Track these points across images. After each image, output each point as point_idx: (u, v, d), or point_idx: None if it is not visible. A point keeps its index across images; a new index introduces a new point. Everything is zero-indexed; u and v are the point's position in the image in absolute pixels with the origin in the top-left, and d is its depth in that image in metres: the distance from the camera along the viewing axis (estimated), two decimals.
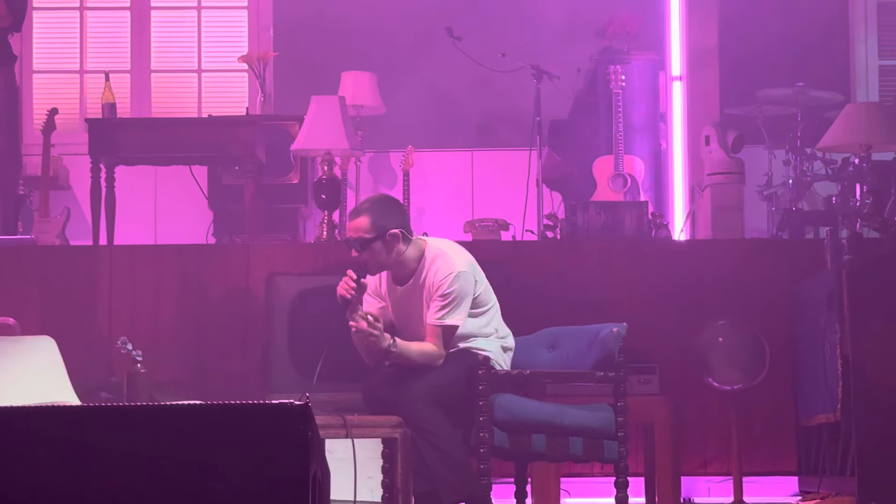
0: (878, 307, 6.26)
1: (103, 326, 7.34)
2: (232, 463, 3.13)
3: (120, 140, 7.94)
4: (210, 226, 8.70)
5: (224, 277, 7.44)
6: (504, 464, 6.07)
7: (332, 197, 7.62)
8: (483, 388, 5.41)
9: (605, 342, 5.72)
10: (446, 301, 5.61)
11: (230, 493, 3.11)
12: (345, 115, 7.71)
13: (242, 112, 8.50)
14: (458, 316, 5.62)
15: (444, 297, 5.61)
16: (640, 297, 7.39)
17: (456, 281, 5.62)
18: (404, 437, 5.28)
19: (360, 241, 5.61)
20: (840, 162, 8.33)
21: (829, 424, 6.52)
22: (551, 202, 8.90)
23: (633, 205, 7.90)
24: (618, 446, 5.62)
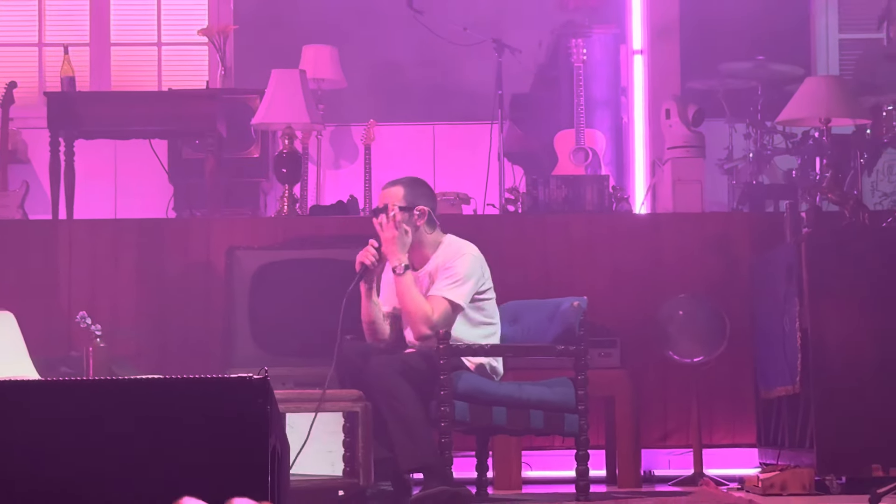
0: (836, 280, 6.29)
1: (63, 301, 7.30)
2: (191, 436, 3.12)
3: (79, 114, 7.89)
4: (170, 200, 8.67)
5: (184, 252, 7.41)
6: (465, 437, 6.08)
7: (292, 171, 7.60)
8: (444, 361, 5.42)
9: (566, 316, 5.73)
10: (450, 273, 5.65)
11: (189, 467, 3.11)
12: (305, 88, 7.69)
13: (203, 86, 8.46)
14: (458, 293, 5.63)
15: (449, 270, 5.66)
16: (601, 270, 7.41)
17: (463, 259, 5.67)
18: (365, 410, 5.28)
19: (387, 208, 5.67)
20: (800, 136, 8.36)
21: (789, 397, 6.56)
22: (513, 176, 8.90)
23: (595, 178, 7.91)
24: (578, 419, 5.64)
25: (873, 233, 6.37)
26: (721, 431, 7.32)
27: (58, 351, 6.98)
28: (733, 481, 6.74)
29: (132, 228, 7.50)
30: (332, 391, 5.37)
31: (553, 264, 7.43)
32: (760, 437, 7.13)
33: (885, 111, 7.76)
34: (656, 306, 7.02)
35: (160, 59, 10.01)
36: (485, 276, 5.74)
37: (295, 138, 7.69)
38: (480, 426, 5.65)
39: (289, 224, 7.45)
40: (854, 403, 6.19)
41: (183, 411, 3.15)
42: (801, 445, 6.40)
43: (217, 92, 8.09)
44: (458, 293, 5.63)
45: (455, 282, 5.64)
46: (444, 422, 5.40)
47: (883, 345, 6.22)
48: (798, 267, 6.38)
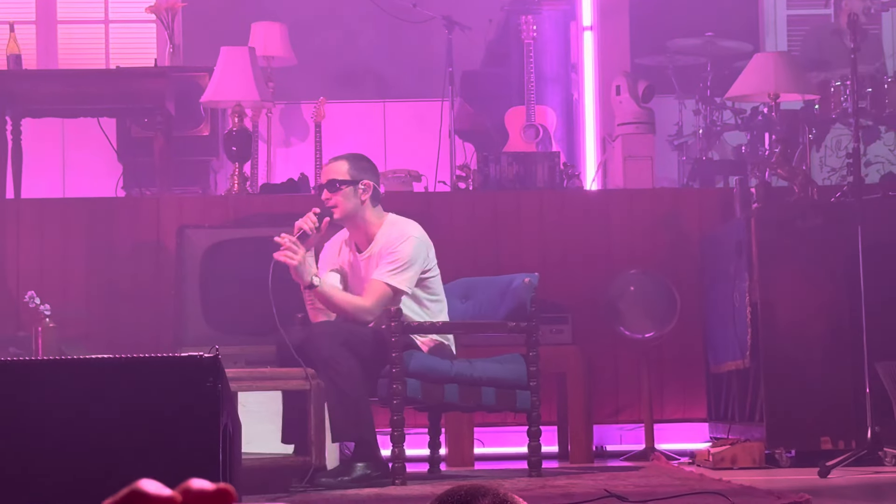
0: (785, 255, 6.33)
1: (11, 281, 7.25)
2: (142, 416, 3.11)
3: (26, 92, 7.82)
4: (119, 179, 8.61)
5: (134, 231, 7.37)
6: (418, 414, 6.09)
7: (242, 149, 7.57)
8: (395, 339, 5.41)
9: (518, 292, 5.74)
10: (392, 258, 5.60)
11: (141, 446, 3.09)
12: (255, 66, 7.65)
13: (151, 64, 8.40)
14: (401, 279, 5.59)
15: (392, 254, 5.61)
16: (552, 247, 7.42)
17: (407, 244, 5.62)
18: (317, 389, 5.27)
19: (333, 182, 5.65)
20: (749, 111, 8.39)
21: (739, 371, 6.61)
22: (464, 153, 8.90)
23: (545, 155, 7.92)
24: (530, 396, 5.66)
25: (822, 208, 6.41)
26: (672, 406, 7.36)
27: (6, 331, 6.93)
28: (684, 456, 6.79)
29: (81, 207, 7.46)
30: (283, 369, 5.35)
31: (504, 241, 7.44)
32: (711, 412, 7.18)
33: (833, 87, 7.80)
34: (607, 282, 7.04)
35: (108, 37, 9.93)
36: (429, 258, 5.71)
37: (245, 116, 7.65)
38: (432, 403, 5.65)
39: (239, 202, 7.42)
40: (803, 377, 6.24)
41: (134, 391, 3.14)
42: (751, 419, 6.45)
43: (166, 70, 8.04)
44: (401, 279, 5.60)
45: (397, 267, 5.60)
46: (396, 399, 5.40)
47: (831, 319, 6.27)
48: (748, 242, 6.41)
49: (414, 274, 5.62)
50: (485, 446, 7.19)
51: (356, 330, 5.50)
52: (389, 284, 5.58)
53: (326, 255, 5.81)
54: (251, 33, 9.27)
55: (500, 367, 5.69)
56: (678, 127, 8.96)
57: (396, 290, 5.59)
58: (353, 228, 5.73)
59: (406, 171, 8.02)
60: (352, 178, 5.68)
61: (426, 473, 5.98)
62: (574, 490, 4.96)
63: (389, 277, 5.58)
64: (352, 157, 5.81)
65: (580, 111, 9.03)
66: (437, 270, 5.75)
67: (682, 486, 5.00)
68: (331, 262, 5.79)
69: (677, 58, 8.97)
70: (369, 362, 5.49)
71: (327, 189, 5.68)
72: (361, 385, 5.44)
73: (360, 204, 5.68)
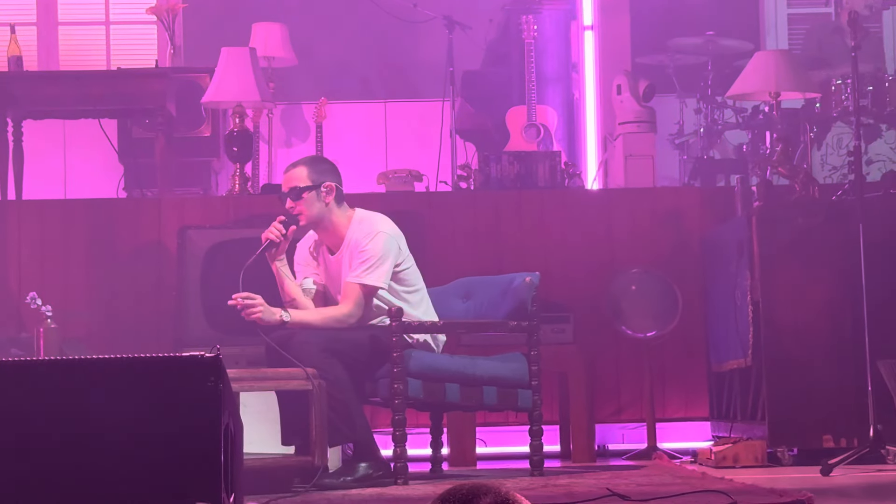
0: (787, 254, 6.33)
1: (12, 282, 7.25)
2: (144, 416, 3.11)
3: (27, 94, 7.82)
4: (120, 180, 8.61)
5: (135, 231, 7.37)
6: (420, 414, 6.09)
7: (243, 149, 7.57)
8: (396, 339, 5.41)
9: (518, 292, 5.74)
10: (364, 258, 5.58)
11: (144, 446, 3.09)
12: (255, 66, 7.65)
13: (152, 65, 8.40)
14: (376, 276, 5.58)
15: (362, 253, 5.59)
16: (554, 246, 7.42)
17: (377, 240, 5.60)
18: (319, 388, 5.27)
19: (295, 190, 5.62)
20: (750, 110, 8.39)
21: (741, 370, 6.60)
22: (465, 153, 8.89)
23: (546, 154, 7.91)
24: (532, 395, 5.65)
25: (823, 206, 6.41)
26: (674, 405, 7.36)
27: (7, 332, 6.93)
28: (686, 455, 6.78)
29: (82, 209, 7.46)
30: (283, 370, 5.35)
31: (505, 240, 7.43)
32: (713, 411, 7.18)
33: (835, 85, 7.80)
34: (609, 281, 7.04)
35: (108, 38, 9.94)
36: (401, 251, 5.68)
37: (245, 117, 7.66)
38: (433, 403, 5.65)
39: (240, 203, 7.42)
40: (805, 376, 6.24)
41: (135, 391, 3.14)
42: (753, 418, 6.44)
43: (166, 71, 8.04)
44: (376, 276, 5.58)
45: (370, 266, 5.58)
46: (397, 399, 5.40)
47: (833, 317, 6.27)
48: (749, 241, 6.41)
49: (388, 269, 5.60)
50: (487, 446, 7.19)
51: (339, 334, 5.49)
52: (364, 284, 5.58)
53: (301, 257, 5.80)
54: (252, 34, 9.27)
55: (502, 367, 5.68)
56: (679, 126, 8.95)
57: (371, 287, 5.58)
58: (322, 231, 5.71)
59: (407, 171, 8.02)
60: (313, 183, 5.65)
61: (428, 473, 5.98)
62: (576, 489, 4.96)
63: (363, 277, 5.57)
64: (309, 160, 5.78)
65: (581, 110, 9.03)
66: (411, 261, 5.73)
67: (685, 485, 5.00)
68: (306, 264, 5.77)
69: (678, 57, 8.97)
70: (358, 364, 5.48)
71: (290, 198, 5.65)
72: (350, 388, 5.43)
73: (324, 207, 5.65)
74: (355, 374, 5.47)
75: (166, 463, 3.02)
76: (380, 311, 5.60)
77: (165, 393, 3.10)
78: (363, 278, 5.57)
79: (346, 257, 5.65)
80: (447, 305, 5.95)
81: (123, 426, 3.11)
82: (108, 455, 3.08)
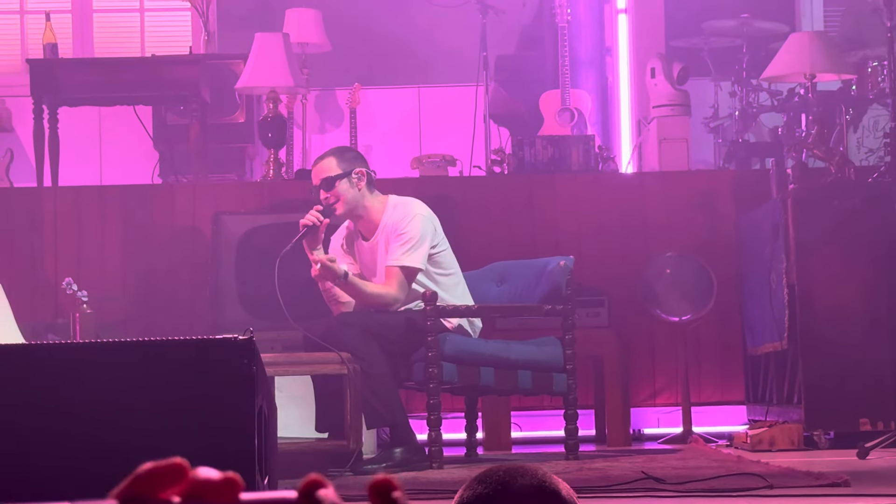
0: (822, 236, 6.30)
1: (49, 268, 7.29)
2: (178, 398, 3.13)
3: (62, 81, 7.85)
4: (155, 166, 8.64)
5: (170, 217, 7.40)
6: (454, 398, 6.09)
7: (277, 135, 7.58)
8: (431, 323, 5.41)
9: (553, 275, 5.73)
10: (403, 240, 5.59)
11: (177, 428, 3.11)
12: (289, 52, 7.66)
13: (186, 51, 8.42)
14: (415, 257, 5.59)
15: (401, 236, 5.60)
16: (588, 230, 7.41)
17: (414, 222, 5.61)
18: (354, 373, 5.28)
19: (328, 180, 5.64)
20: (785, 93, 8.35)
21: (776, 353, 6.58)
22: (499, 137, 8.88)
23: (580, 138, 7.89)
24: (566, 379, 5.65)
25: (859, 188, 6.37)
26: (709, 389, 7.33)
27: (44, 318, 6.97)
28: (722, 438, 6.76)
29: (117, 195, 7.49)
30: (319, 354, 5.36)
31: (540, 225, 7.42)
32: (749, 394, 7.15)
33: (871, 67, 7.75)
34: (643, 265, 7.02)
35: (143, 25, 9.96)
36: (437, 232, 5.70)
37: (279, 102, 7.67)
38: (468, 386, 5.65)
39: (274, 188, 7.43)
40: (841, 358, 6.21)
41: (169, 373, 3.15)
42: (789, 401, 6.42)
43: (200, 57, 8.06)
44: (415, 258, 5.59)
45: (409, 247, 5.59)
46: (432, 383, 5.41)
47: (869, 300, 6.23)
48: (784, 223, 6.38)
49: (425, 250, 5.62)
50: (522, 430, 7.19)
51: (376, 316, 5.51)
52: (404, 266, 5.59)
53: (335, 248, 5.81)
54: (285, 19, 9.28)
55: (537, 350, 5.68)
56: (714, 109, 8.91)
57: (412, 269, 5.59)
58: (358, 219, 5.72)
59: (441, 156, 8.01)
60: (343, 171, 5.67)
61: (463, 457, 5.98)
62: (611, 473, 4.95)
63: (403, 259, 5.58)
64: (336, 150, 5.81)
65: (615, 94, 9.00)
66: (446, 244, 5.74)
67: (720, 469, 4.98)
68: (340, 254, 5.79)
69: (712, 39, 8.92)
70: (394, 347, 5.49)
71: (323, 189, 5.67)
72: (388, 370, 5.45)
73: (358, 193, 5.66)
74: (391, 357, 5.48)
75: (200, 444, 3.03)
76: (415, 294, 5.60)
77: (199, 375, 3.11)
78: (402, 260, 5.58)
79: (383, 242, 5.65)
80: (482, 290, 5.95)
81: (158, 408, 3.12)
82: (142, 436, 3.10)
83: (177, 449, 3.11)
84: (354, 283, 5.55)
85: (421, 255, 5.60)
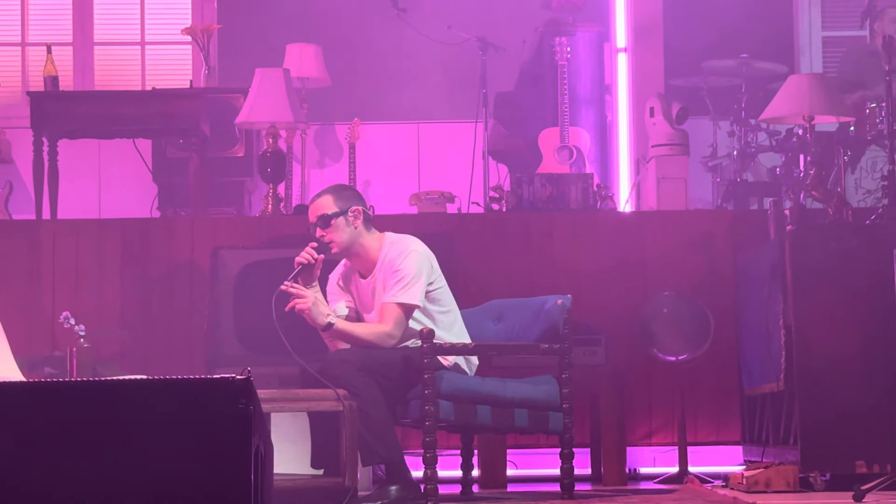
0: (820, 278, 6.30)
1: (46, 301, 7.29)
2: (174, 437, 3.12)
3: (62, 113, 7.87)
4: (154, 199, 8.66)
5: (168, 251, 7.40)
6: (450, 435, 6.08)
7: (277, 170, 7.59)
8: (428, 360, 5.41)
9: (551, 314, 5.73)
10: (399, 277, 5.59)
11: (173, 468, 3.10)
12: (289, 87, 7.68)
13: (186, 85, 8.45)
14: (411, 294, 5.58)
15: (397, 272, 5.60)
16: (586, 268, 7.41)
17: (410, 259, 5.61)
18: (350, 409, 5.27)
19: (324, 217, 5.64)
20: (784, 133, 8.37)
21: (773, 394, 6.57)
22: (497, 174, 8.90)
23: (579, 177, 7.91)
24: (563, 418, 5.64)
25: (857, 230, 6.38)
26: (706, 429, 7.33)
27: (41, 351, 6.97)
28: (718, 479, 6.75)
29: (116, 228, 7.49)
30: (315, 391, 5.36)
31: (537, 263, 7.43)
32: (745, 435, 7.15)
33: (869, 108, 7.77)
34: (641, 304, 7.02)
35: (144, 59, 9.99)
36: (434, 269, 5.70)
37: (279, 137, 7.68)
38: (464, 425, 5.65)
39: (273, 223, 7.44)
40: (838, 400, 6.20)
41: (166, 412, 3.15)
42: (786, 442, 6.41)
43: (201, 91, 8.08)
44: (411, 294, 5.60)
45: (405, 284, 5.60)
46: (428, 421, 5.40)
47: (866, 342, 6.23)
48: (782, 264, 6.39)
49: (422, 286, 5.62)
50: (517, 468, 7.17)
51: (373, 353, 5.50)
52: (401, 303, 5.58)
53: (332, 286, 5.82)
54: (286, 54, 9.31)
55: (533, 389, 5.68)
56: (712, 148, 8.94)
57: (409, 306, 5.59)
58: (354, 257, 5.73)
59: (439, 193, 8.03)
60: (340, 209, 5.68)
61: (458, 495, 5.97)
62: None
63: (400, 296, 5.58)
64: (333, 189, 5.81)
65: (614, 133, 9.03)
66: (443, 282, 5.74)
67: None
68: (337, 292, 5.79)
69: (712, 79, 8.95)
70: (391, 384, 5.49)
71: (319, 227, 5.67)
72: (384, 407, 5.44)
73: (354, 231, 5.67)
74: (387, 394, 5.48)
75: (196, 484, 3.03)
76: (412, 332, 5.60)
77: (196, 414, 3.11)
78: (399, 297, 5.58)
79: (380, 279, 5.66)
80: (479, 327, 5.95)
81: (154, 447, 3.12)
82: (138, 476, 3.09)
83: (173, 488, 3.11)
84: (343, 330, 5.55)
85: (417, 291, 5.60)
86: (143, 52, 10.01)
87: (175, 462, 3.08)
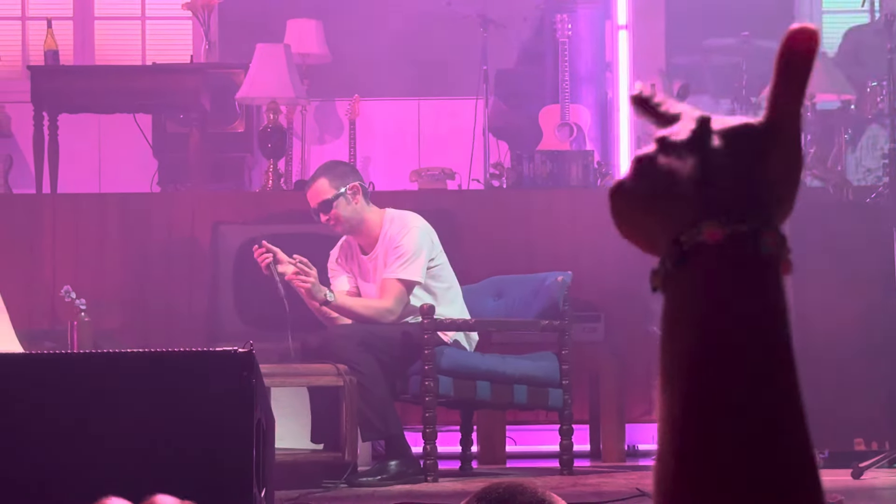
0: (820, 254, 6.31)
1: (47, 275, 7.29)
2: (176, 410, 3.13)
3: (63, 88, 7.87)
4: (154, 174, 8.65)
5: (169, 226, 7.41)
6: (449, 411, 6.09)
7: (277, 145, 7.59)
8: (428, 336, 5.42)
9: (550, 291, 5.74)
10: (399, 253, 5.60)
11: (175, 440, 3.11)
12: (290, 63, 7.68)
13: (187, 60, 8.44)
14: (412, 270, 5.59)
15: (397, 248, 5.61)
16: (586, 245, 7.41)
17: (411, 235, 5.62)
18: (350, 385, 5.29)
19: (324, 203, 5.64)
20: None
21: None
22: (497, 151, 8.89)
23: (579, 154, 7.91)
24: (562, 394, 5.66)
25: (857, 209, 6.38)
26: None
27: (42, 324, 6.98)
28: None
29: (116, 203, 7.49)
30: (315, 365, 5.37)
31: (537, 239, 7.43)
32: None
33: (870, 87, 7.77)
34: (640, 281, 7.02)
35: (144, 33, 9.97)
36: (434, 245, 5.71)
37: (279, 113, 7.68)
38: (464, 400, 5.66)
39: (273, 199, 7.44)
40: (836, 378, 6.22)
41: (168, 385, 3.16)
42: None
43: (201, 66, 8.07)
44: (412, 270, 5.60)
45: (406, 260, 5.60)
46: (428, 396, 5.41)
47: (865, 320, 6.25)
48: None
49: (423, 263, 5.63)
50: (516, 444, 7.19)
51: (373, 329, 5.51)
52: (402, 279, 5.59)
53: (332, 262, 5.82)
54: (287, 30, 9.29)
55: (533, 365, 5.69)
56: None
57: (410, 282, 5.60)
58: (357, 234, 5.73)
59: (440, 169, 8.03)
60: (337, 190, 5.68)
61: (458, 471, 5.99)
62: (606, 489, 4.96)
63: (400, 272, 5.59)
64: (326, 169, 5.80)
65: (614, 110, 9.02)
66: (444, 258, 5.75)
67: None
68: (338, 268, 5.79)
69: (713, 57, 8.94)
70: (390, 360, 5.50)
71: (321, 213, 5.68)
72: (384, 383, 5.45)
73: (356, 208, 5.67)
74: (387, 370, 5.49)
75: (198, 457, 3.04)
76: (413, 308, 5.61)
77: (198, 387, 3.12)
78: (399, 273, 5.59)
79: (381, 255, 5.66)
80: (479, 304, 5.96)
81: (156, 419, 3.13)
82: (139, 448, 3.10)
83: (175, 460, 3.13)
84: (343, 305, 5.56)
85: (418, 267, 5.60)
86: (143, 26, 9.99)
87: (177, 434, 3.10)
